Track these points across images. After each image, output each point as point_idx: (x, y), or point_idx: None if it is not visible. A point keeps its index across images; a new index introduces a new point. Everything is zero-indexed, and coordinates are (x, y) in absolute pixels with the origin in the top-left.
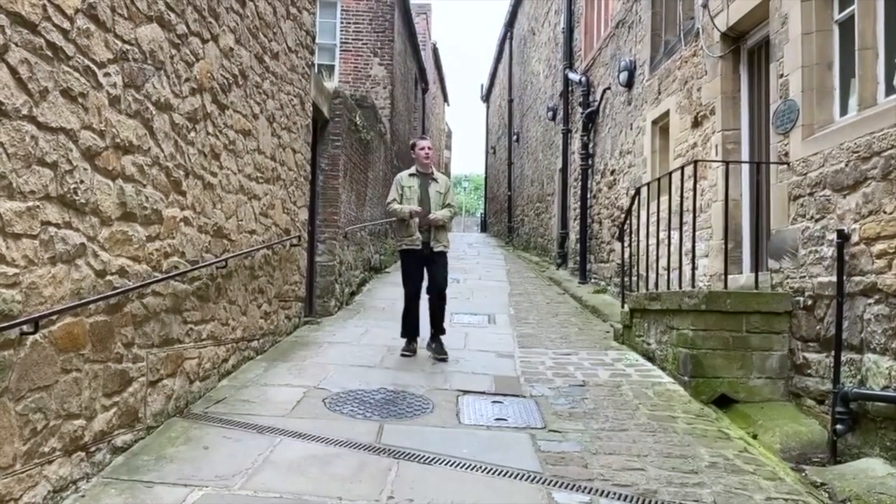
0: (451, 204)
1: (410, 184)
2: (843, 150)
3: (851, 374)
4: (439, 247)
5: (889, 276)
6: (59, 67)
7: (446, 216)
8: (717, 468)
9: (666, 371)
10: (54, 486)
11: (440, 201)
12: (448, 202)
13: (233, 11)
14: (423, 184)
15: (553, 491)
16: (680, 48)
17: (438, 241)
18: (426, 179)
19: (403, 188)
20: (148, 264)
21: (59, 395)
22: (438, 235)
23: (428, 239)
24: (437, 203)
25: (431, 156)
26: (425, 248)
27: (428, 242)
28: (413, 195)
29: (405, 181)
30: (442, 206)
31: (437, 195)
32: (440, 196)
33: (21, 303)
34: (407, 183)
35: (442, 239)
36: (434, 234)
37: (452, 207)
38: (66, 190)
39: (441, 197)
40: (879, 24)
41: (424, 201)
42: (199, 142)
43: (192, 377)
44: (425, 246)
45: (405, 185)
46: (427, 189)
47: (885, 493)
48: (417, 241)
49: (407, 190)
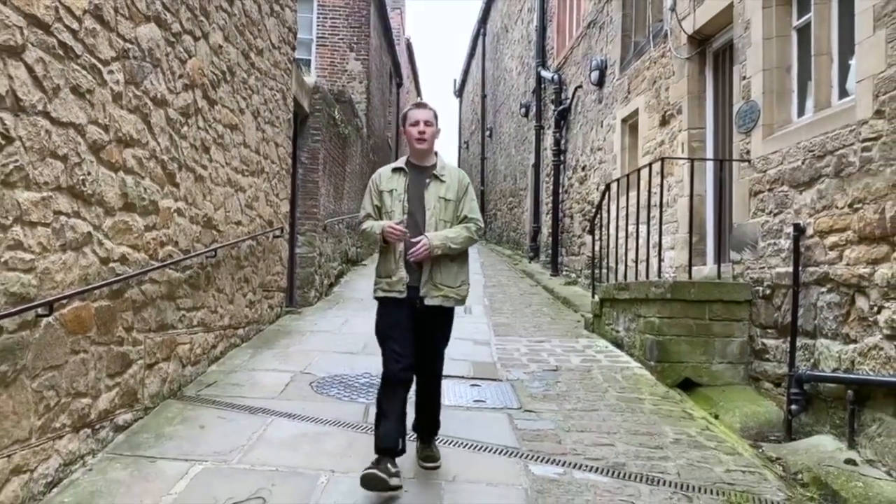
0: (469, 216)
1: (393, 186)
2: (800, 148)
3: (806, 358)
4: (437, 298)
5: (840, 267)
6: (68, 65)
7: (453, 241)
8: (681, 444)
9: (634, 357)
10: (64, 459)
11: (448, 212)
12: (464, 213)
13: (222, 10)
14: (414, 183)
15: (530, 464)
16: (649, 49)
17: (438, 287)
18: (421, 176)
19: (383, 194)
20: (146, 253)
21: (68, 374)
22: (440, 275)
23: (418, 282)
24: (441, 215)
25: (431, 136)
26: (414, 300)
27: (417, 288)
28: (396, 206)
29: (384, 182)
30: (452, 221)
31: (442, 203)
32: (445, 205)
33: (36, 287)
34: (387, 185)
35: (447, 281)
36: (432, 273)
37: (472, 223)
38: (75, 181)
39: (448, 206)
40: (834, 31)
41: (415, 213)
42: (190, 136)
43: (185, 361)
44: (413, 294)
45: (384, 188)
46: (422, 192)
47: (832, 465)
48: (400, 284)
49: (387, 197)
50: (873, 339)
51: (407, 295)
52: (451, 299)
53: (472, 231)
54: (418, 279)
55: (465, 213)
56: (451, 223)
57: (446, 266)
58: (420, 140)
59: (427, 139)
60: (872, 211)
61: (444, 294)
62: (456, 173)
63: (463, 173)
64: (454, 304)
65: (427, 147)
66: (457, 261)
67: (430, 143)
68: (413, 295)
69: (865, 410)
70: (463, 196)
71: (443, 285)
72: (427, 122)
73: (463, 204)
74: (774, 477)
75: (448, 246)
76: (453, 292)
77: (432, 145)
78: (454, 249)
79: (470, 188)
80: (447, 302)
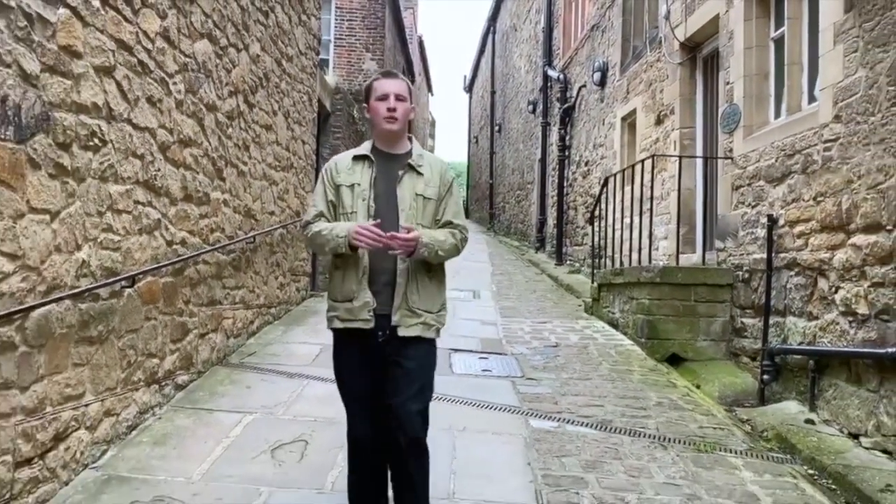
0: (453, 222)
1: (354, 179)
2: (774, 148)
3: (777, 334)
4: (415, 327)
5: (805, 253)
6: (144, 79)
7: (441, 246)
8: (663, 406)
9: (627, 335)
10: (140, 408)
11: (426, 214)
12: (447, 218)
13: (259, 23)
14: (383, 176)
15: (530, 419)
16: (646, 54)
17: (415, 313)
18: (392, 166)
19: (340, 189)
20: (200, 237)
21: (143, 337)
22: (417, 297)
23: (389, 306)
24: (419, 217)
25: (404, 114)
26: (381, 330)
27: (388, 315)
28: (359, 205)
29: (342, 174)
30: (431, 227)
31: (419, 202)
32: (424, 204)
33: (121, 263)
34: (346, 178)
35: (427, 305)
36: (408, 294)
37: (457, 230)
38: (149, 176)
39: (427, 206)
40: (804, 43)
41: (383, 215)
42: (234, 136)
43: (229, 334)
44: (383, 324)
45: (342, 181)
46: (393, 187)
47: (793, 424)
48: (364, 311)
49: (346, 193)
50: (831, 316)
51: (375, 325)
52: (431, 328)
53: (458, 240)
54: (389, 303)
55: (449, 217)
56: (430, 228)
57: (424, 285)
58: (390, 119)
59: (399, 118)
60: (831, 203)
61: (423, 322)
62: (437, 164)
63: (445, 164)
64: (435, 336)
65: (399, 128)
66: (435, 279)
67: (402, 122)
68: (383, 324)
69: (824, 378)
70: (445, 194)
71: (421, 310)
72: (399, 95)
73: (445, 205)
74: (742, 433)
75: (436, 251)
76: (433, 319)
77: (405, 126)
78: (439, 258)
79: (455, 185)
80: (427, 332)
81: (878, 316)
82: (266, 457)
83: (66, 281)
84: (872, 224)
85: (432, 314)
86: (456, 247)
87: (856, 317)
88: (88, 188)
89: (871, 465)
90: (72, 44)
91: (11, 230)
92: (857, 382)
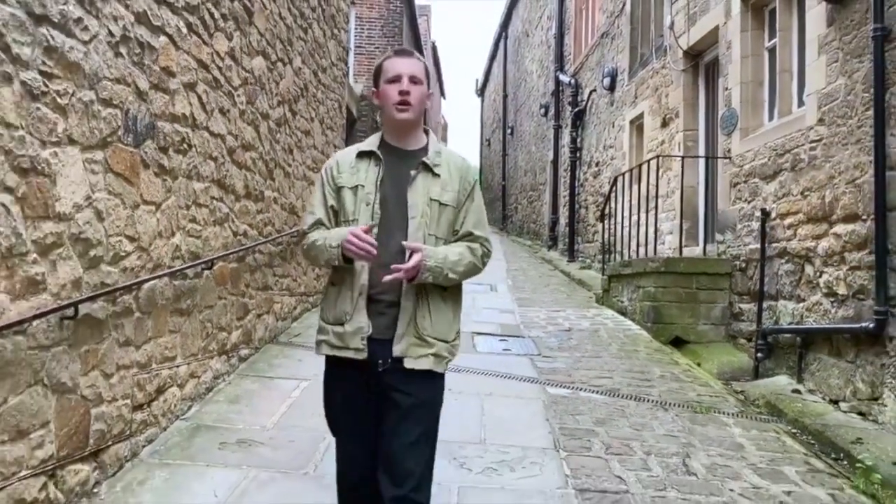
0: (474, 233)
1: (358, 180)
2: (767, 148)
3: (770, 316)
4: (425, 359)
5: (794, 242)
6: (217, 93)
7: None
8: (665, 379)
9: (635, 321)
10: (214, 374)
11: (442, 223)
12: (467, 228)
13: (300, 39)
14: (392, 176)
15: (547, 387)
16: (652, 61)
17: (425, 342)
18: (403, 165)
19: (342, 192)
20: (257, 230)
21: (216, 313)
22: (429, 322)
23: (391, 331)
24: (432, 227)
25: (419, 100)
26: (382, 361)
27: (388, 341)
28: (363, 210)
29: (345, 173)
30: (447, 238)
31: (434, 208)
32: (440, 211)
33: (201, 249)
34: (349, 178)
35: (440, 331)
36: (416, 316)
37: (477, 243)
38: (220, 176)
39: (444, 214)
40: (794, 53)
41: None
42: (282, 140)
43: (278, 317)
44: (381, 353)
45: (344, 181)
46: (404, 189)
47: (782, 394)
48: (357, 337)
49: (348, 196)
50: (816, 298)
51: (370, 354)
52: (443, 360)
53: (479, 256)
54: (391, 327)
55: (470, 227)
56: (446, 241)
57: (437, 308)
58: (403, 106)
59: (413, 104)
60: (816, 197)
61: (434, 352)
62: (457, 164)
63: (467, 163)
64: (444, 370)
65: (413, 117)
66: (450, 299)
67: (417, 110)
68: (381, 353)
69: (810, 353)
70: (466, 200)
71: (434, 338)
72: (414, 77)
73: (466, 212)
74: (735, 401)
75: (445, 274)
76: (447, 349)
77: (420, 116)
78: (450, 281)
79: (477, 189)
80: (439, 365)
81: (855, 296)
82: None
83: (165, 261)
84: (850, 215)
85: (446, 343)
86: (475, 265)
87: (836, 297)
88: (180, 185)
89: (846, 424)
90: (169, 65)
91: (131, 217)
92: (837, 355)
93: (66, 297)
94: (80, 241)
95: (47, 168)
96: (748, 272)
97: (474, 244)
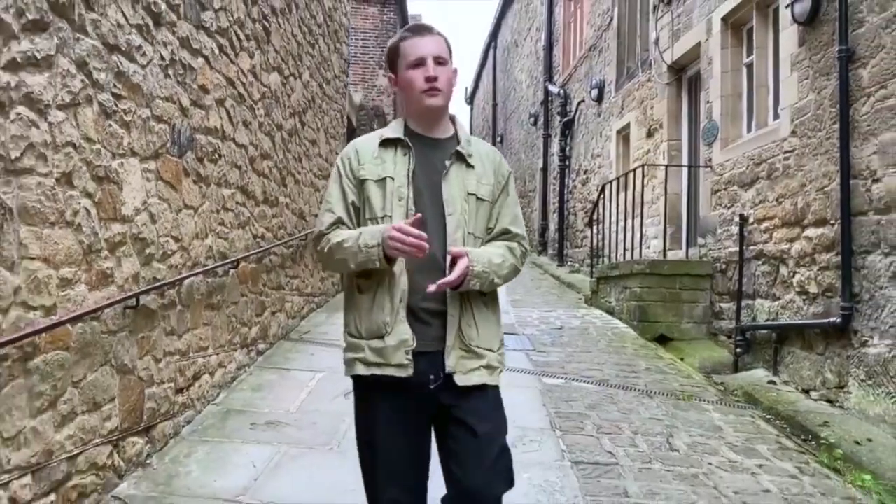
0: (511, 230)
1: (385, 171)
2: (745, 157)
3: (748, 314)
4: (477, 372)
5: (770, 245)
6: (241, 106)
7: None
8: (651, 371)
9: (622, 320)
10: (237, 364)
11: (479, 219)
12: (503, 225)
13: (308, 54)
14: (424, 167)
15: (542, 378)
16: (638, 74)
17: (474, 353)
18: (435, 154)
19: (366, 185)
20: (272, 234)
21: (240, 309)
22: (475, 331)
23: (440, 343)
24: (470, 224)
25: (447, 83)
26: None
27: (438, 354)
28: (395, 206)
29: (367, 164)
30: (483, 237)
31: (472, 203)
32: (477, 206)
33: (228, 250)
34: (373, 169)
35: (487, 341)
36: (462, 326)
37: (515, 242)
38: (244, 183)
39: (481, 209)
40: (770, 69)
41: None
42: (293, 150)
43: (289, 315)
44: (430, 368)
45: (367, 173)
46: (437, 181)
47: (759, 385)
48: (401, 351)
49: (374, 190)
50: (790, 296)
51: (416, 371)
52: (495, 371)
53: (518, 257)
54: (439, 338)
55: (506, 224)
56: (482, 240)
57: (481, 314)
58: (432, 92)
59: (442, 88)
60: (790, 203)
61: (486, 364)
62: (490, 154)
63: (499, 153)
64: (498, 383)
65: (444, 103)
66: (492, 305)
67: (447, 95)
68: (429, 369)
69: (784, 347)
70: (501, 193)
71: (482, 349)
72: (439, 58)
73: (501, 207)
74: (715, 391)
75: (492, 279)
76: (496, 359)
77: (450, 100)
78: (493, 286)
79: (512, 181)
80: (492, 377)
81: (825, 293)
82: (341, 399)
83: (200, 260)
84: (820, 219)
85: (494, 353)
86: (515, 268)
87: (808, 295)
88: (212, 191)
89: (815, 410)
90: (205, 83)
91: (175, 219)
92: (809, 348)
93: (128, 289)
94: (139, 240)
95: (116, 176)
96: (728, 273)
97: (512, 243)
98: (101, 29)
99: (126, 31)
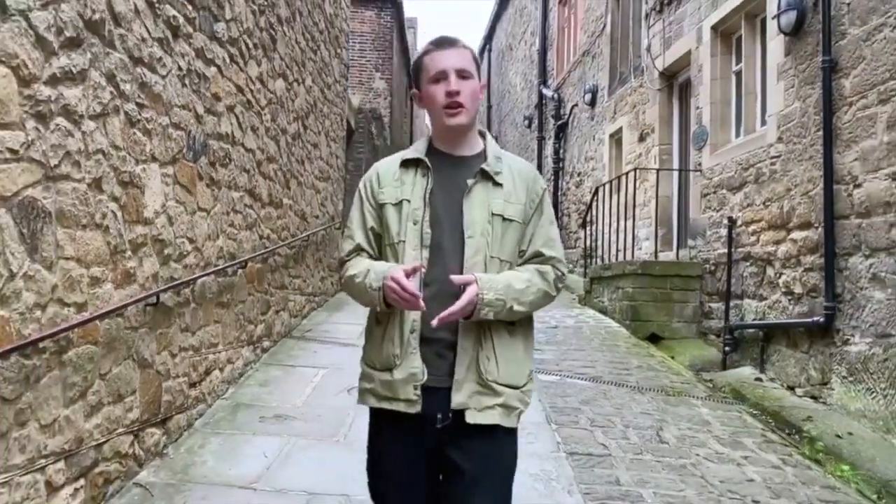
0: (544, 253)
1: (403, 194)
2: (734, 162)
3: (736, 314)
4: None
5: (757, 247)
6: (249, 113)
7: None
8: (642, 368)
9: (615, 320)
10: (244, 360)
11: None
12: (535, 248)
13: (311, 60)
14: (443, 187)
15: (538, 374)
16: (630, 79)
17: (490, 388)
18: (457, 173)
19: (385, 209)
20: (277, 235)
21: (247, 307)
22: (493, 363)
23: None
24: (494, 248)
25: (471, 98)
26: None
27: (447, 390)
28: (410, 230)
29: (387, 187)
30: (512, 261)
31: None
32: (504, 228)
33: (236, 250)
34: (392, 192)
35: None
36: (479, 358)
37: (548, 265)
38: (252, 186)
39: (508, 231)
40: (758, 77)
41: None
42: (296, 153)
43: (291, 314)
44: (438, 405)
45: (386, 197)
46: (458, 202)
47: (746, 382)
48: (410, 385)
49: (392, 214)
50: (776, 296)
51: (425, 406)
52: (513, 412)
53: (551, 281)
54: (447, 372)
55: (539, 246)
56: (511, 263)
57: (504, 345)
58: (453, 109)
59: (466, 105)
60: (776, 207)
61: (503, 402)
62: (522, 171)
63: (534, 170)
64: (515, 425)
65: (468, 121)
66: (519, 333)
67: (472, 112)
68: (438, 406)
69: (770, 345)
70: (534, 213)
71: (501, 385)
72: (463, 71)
73: (534, 228)
74: (704, 387)
75: (510, 307)
76: (517, 397)
77: (475, 116)
78: (515, 315)
79: (547, 200)
80: (508, 418)
81: (809, 293)
82: (345, 394)
83: (212, 260)
84: (805, 222)
85: (517, 390)
86: (546, 294)
87: (793, 295)
88: (223, 194)
89: (799, 406)
90: (217, 91)
91: (190, 221)
92: (794, 347)
93: (148, 287)
94: (158, 241)
95: (139, 181)
96: (717, 274)
97: (545, 266)
98: (128, 43)
99: (149, 44)
